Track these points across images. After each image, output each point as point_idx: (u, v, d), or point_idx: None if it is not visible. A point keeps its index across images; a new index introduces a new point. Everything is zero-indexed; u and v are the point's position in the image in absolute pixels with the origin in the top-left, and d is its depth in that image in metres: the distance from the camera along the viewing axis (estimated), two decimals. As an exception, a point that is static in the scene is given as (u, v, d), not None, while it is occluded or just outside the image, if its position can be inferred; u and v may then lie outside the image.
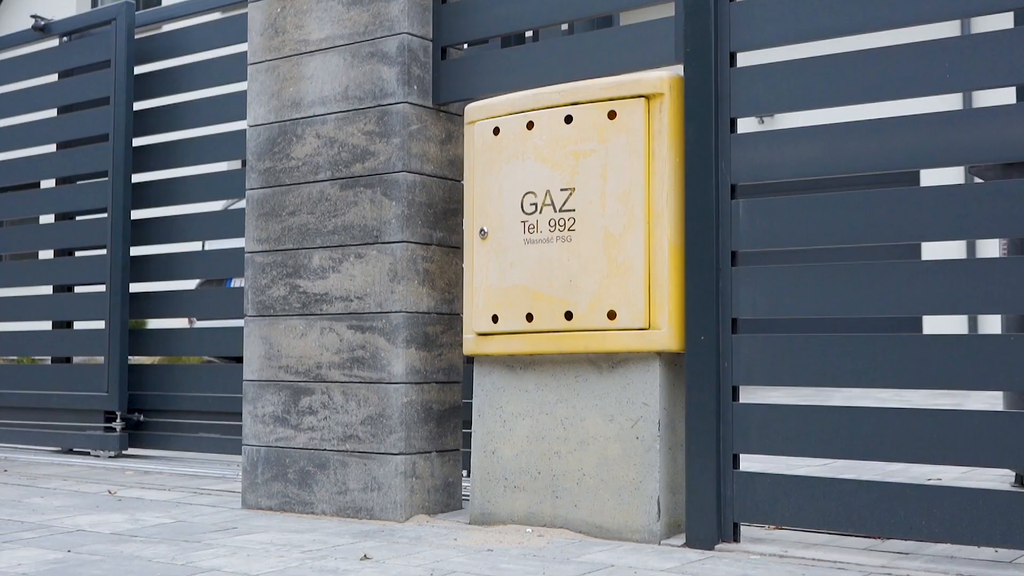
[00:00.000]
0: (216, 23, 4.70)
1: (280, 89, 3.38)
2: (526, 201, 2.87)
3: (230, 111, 4.51)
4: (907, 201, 2.45)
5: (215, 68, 4.63)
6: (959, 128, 2.43)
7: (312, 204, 3.28)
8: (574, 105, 2.82)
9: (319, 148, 3.28)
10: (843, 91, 2.55)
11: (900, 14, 2.49)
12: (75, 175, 5.13)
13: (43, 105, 5.27)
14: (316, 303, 3.24)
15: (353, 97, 3.22)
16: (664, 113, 2.71)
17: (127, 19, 4.83)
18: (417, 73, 3.17)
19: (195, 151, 4.67)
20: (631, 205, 2.70)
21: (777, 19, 2.64)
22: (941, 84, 2.46)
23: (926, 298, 2.41)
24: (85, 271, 4.99)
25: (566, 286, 2.78)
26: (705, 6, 2.70)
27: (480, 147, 2.99)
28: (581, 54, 2.99)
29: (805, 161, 2.60)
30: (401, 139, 3.11)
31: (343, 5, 3.26)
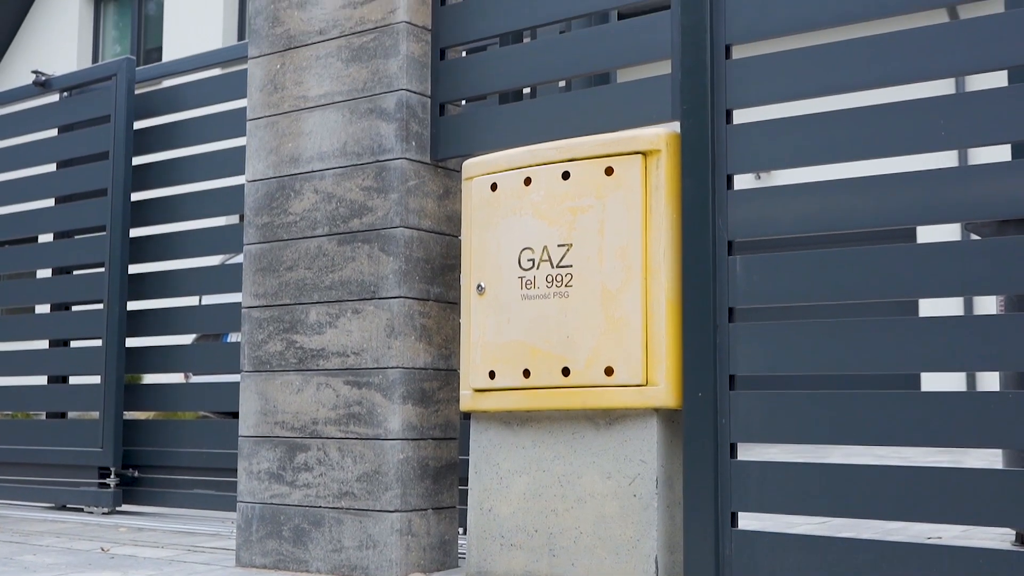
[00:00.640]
0: (216, 79, 4.73)
1: (279, 145, 3.40)
2: (523, 257, 2.87)
3: (229, 166, 4.53)
4: (904, 257, 2.45)
5: (214, 123, 4.66)
6: (955, 185, 2.44)
7: (310, 259, 3.28)
8: (571, 161, 2.83)
9: (317, 203, 3.29)
10: (839, 148, 2.56)
11: (895, 72, 2.51)
12: (73, 229, 5.13)
13: (42, 160, 5.29)
14: (313, 358, 3.23)
15: (351, 153, 3.23)
16: (661, 169, 2.72)
17: (127, 75, 4.86)
18: (415, 129, 3.19)
19: (193, 206, 4.69)
20: (628, 261, 2.70)
21: (774, 77, 2.66)
22: (936, 142, 2.47)
23: (924, 355, 2.41)
24: (82, 325, 4.99)
25: (563, 342, 2.77)
26: (701, 64, 2.72)
27: (478, 203, 3.00)
28: (578, 111, 3.00)
29: (802, 217, 2.60)
30: (399, 195, 3.12)
31: (342, 62, 3.28)
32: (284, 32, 3.43)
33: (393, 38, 3.19)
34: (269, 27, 3.48)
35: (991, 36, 2.41)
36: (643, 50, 2.90)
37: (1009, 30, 2.40)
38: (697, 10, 2.74)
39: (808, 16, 2.64)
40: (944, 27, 2.48)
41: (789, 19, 2.66)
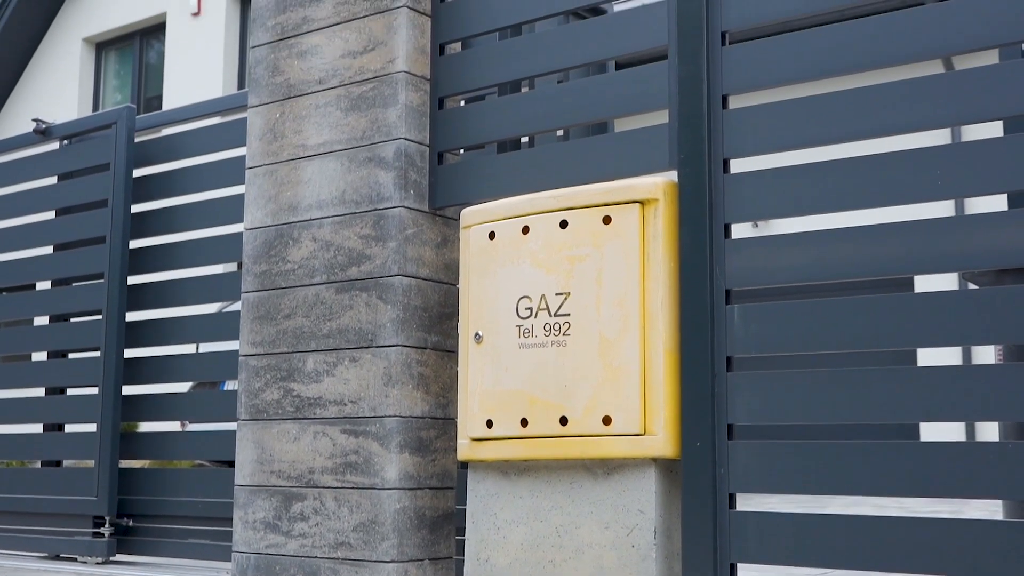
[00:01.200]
0: (215, 127, 4.75)
1: (278, 193, 3.41)
2: (521, 305, 2.87)
3: (227, 214, 4.53)
4: (902, 307, 2.45)
5: (213, 171, 4.67)
6: (952, 234, 2.45)
7: (307, 307, 3.27)
8: (569, 210, 2.84)
9: (315, 251, 3.29)
10: (836, 198, 2.57)
11: (892, 123, 2.52)
12: (71, 277, 5.13)
13: (42, 207, 5.29)
14: (310, 407, 3.22)
15: (350, 201, 3.24)
16: (659, 218, 2.73)
17: (128, 123, 4.88)
18: (414, 178, 3.20)
19: (191, 253, 4.69)
20: (626, 310, 2.70)
21: (771, 127, 2.67)
22: (933, 191, 2.48)
23: (922, 404, 2.40)
24: (78, 372, 4.97)
25: (561, 391, 2.77)
26: (698, 113, 2.73)
27: (476, 251, 3.00)
28: (576, 160, 3.01)
29: (799, 266, 2.61)
30: (397, 243, 3.13)
31: (341, 111, 3.30)
32: (284, 81, 3.45)
33: (392, 87, 3.20)
34: (269, 76, 3.50)
35: (986, 87, 2.43)
36: (641, 100, 2.92)
37: (1004, 81, 2.41)
38: (694, 61, 2.76)
39: (805, 68, 2.66)
40: (940, 78, 2.49)
41: (786, 70, 2.68)
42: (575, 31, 3.08)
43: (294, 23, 3.46)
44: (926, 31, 2.52)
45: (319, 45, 3.39)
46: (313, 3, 3.42)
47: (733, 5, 2.76)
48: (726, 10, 2.76)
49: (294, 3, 3.47)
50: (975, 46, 2.48)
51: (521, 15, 3.18)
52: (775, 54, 2.70)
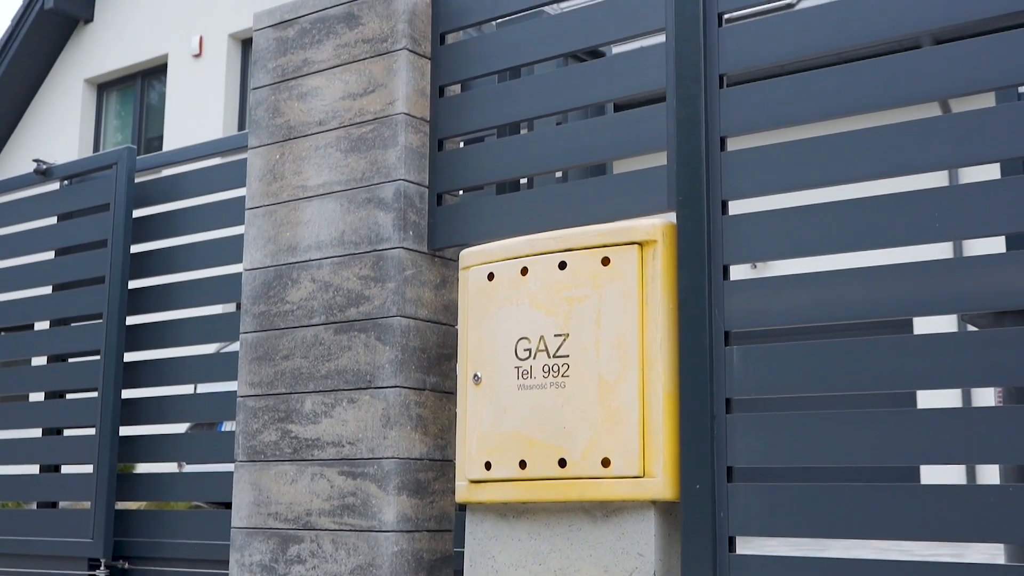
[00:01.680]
0: (215, 168, 4.76)
1: (277, 234, 3.41)
2: (520, 347, 2.86)
3: (226, 254, 4.54)
4: (902, 349, 2.45)
5: (213, 212, 4.68)
6: (951, 276, 2.45)
7: (306, 348, 3.27)
8: (568, 251, 2.84)
9: (314, 292, 3.29)
10: (834, 239, 2.57)
11: (890, 165, 2.53)
12: (70, 317, 5.12)
13: (41, 247, 5.30)
14: (307, 448, 3.21)
15: (349, 242, 3.24)
16: (657, 260, 2.73)
17: (128, 164, 4.89)
18: (413, 219, 3.20)
19: (190, 294, 4.68)
20: (625, 351, 2.70)
21: (769, 169, 2.68)
22: (931, 233, 2.48)
23: (923, 447, 2.39)
24: (75, 414, 4.95)
25: (560, 432, 2.75)
26: (697, 155, 2.74)
27: (475, 292, 3.00)
28: (575, 201, 3.02)
29: (798, 308, 2.61)
30: (396, 284, 3.13)
31: (341, 152, 3.31)
32: (284, 123, 3.47)
33: (392, 129, 3.22)
34: (270, 118, 3.51)
35: (984, 129, 2.44)
36: (639, 142, 2.93)
37: (1001, 124, 2.42)
38: (692, 103, 2.78)
39: (802, 110, 2.67)
40: (937, 120, 2.51)
41: (784, 113, 2.69)
42: (574, 74, 3.10)
43: (295, 65, 3.48)
44: (923, 74, 2.53)
45: (319, 87, 3.40)
46: (314, 46, 3.44)
47: (730, 49, 2.77)
48: (723, 53, 2.78)
49: (295, 46, 3.49)
50: (972, 89, 2.49)
51: (520, 58, 3.20)
52: (772, 97, 2.71)
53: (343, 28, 3.38)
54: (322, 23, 3.43)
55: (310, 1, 3.48)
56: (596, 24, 3.06)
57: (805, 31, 2.70)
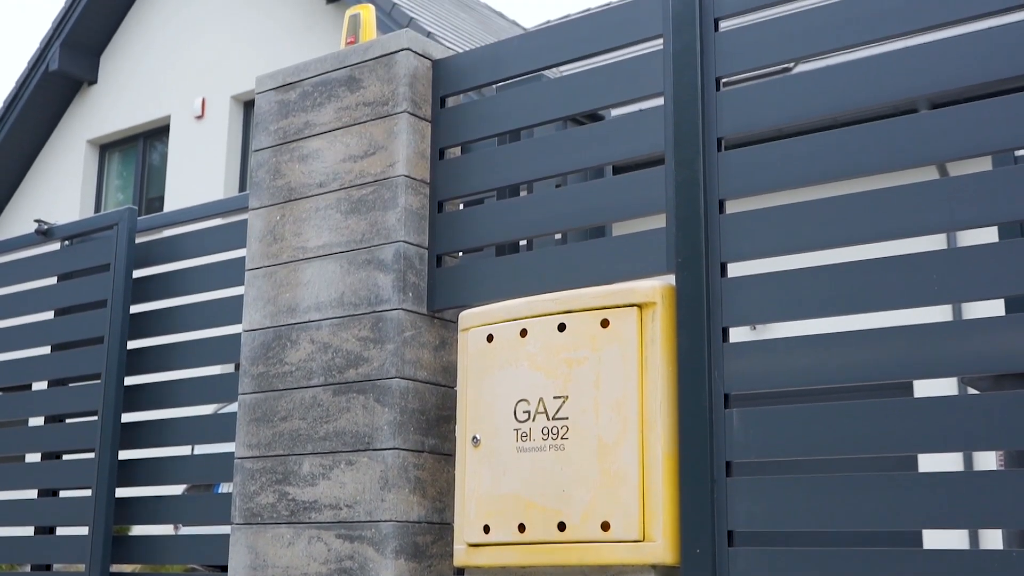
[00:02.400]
0: (215, 229, 4.77)
1: (276, 295, 3.41)
2: (519, 409, 2.85)
3: (226, 315, 4.53)
4: (902, 412, 2.44)
5: (213, 272, 4.68)
6: (950, 339, 2.45)
7: (304, 409, 3.26)
8: (567, 313, 2.84)
9: (313, 353, 3.28)
10: (833, 302, 2.57)
11: (888, 228, 2.54)
12: (68, 377, 5.11)
13: (41, 307, 5.29)
14: (305, 511, 3.18)
15: (348, 303, 3.24)
16: (657, 322, 2.73)
17: (129, 224, 4.91)
18: (412, 280, 3.21)
19: (189, 354, 4.67)
20: (624, 414, 2.69)
21: (768, 232, 2.69)
22: (930, 296, 2.48)
23: (925, 511, 2.37)
24: (72, 474, 4.92)
25: (559, 495, 2.74)
26: (696, 218, 2.75)
27: (474, 354, 3.00)
28: (574, 263, 3.03)
29: (798, 371, 2.60)
30: (395, 345, 3.12)
31: (341, 214, 3.32)
32: (285, 184, 3.48)
33: (392, 191, 3.23)
34: (270, 179, 3.53)
35: (981, 193, 2.45)
36: (638, 204, 2.94)
37: (998, 187, 2.44)
38: (691, 166, 2.79)
39: (800, 173, 2.68)
40: (935, 184, 2.52)
41: (782, 176, 2.71)
42: (573, 137, 3.12)
43: (296, 128, 3.50)
44: (921, 138, 2.55)
45: (320, 149, 3.43)
46: (315, 108, 3.47)
47: (728, 112, 2.79)
48: (721, 117, 2.80)
49: (296, 108, 3.52)
50: (969, 153, 2.51)
51: (520, 121, 3.23)
52: (771, 160, 2.73)
53: (344, 91, 3.41)
54: (324, 86, 3.46)
55: (312, 65, 3.52)
56: (595, 88, 3.09)
57: (802, 95, 2.73)
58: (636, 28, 3.04)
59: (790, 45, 2.78)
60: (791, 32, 2.77)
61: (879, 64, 2.63)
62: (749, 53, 2.81)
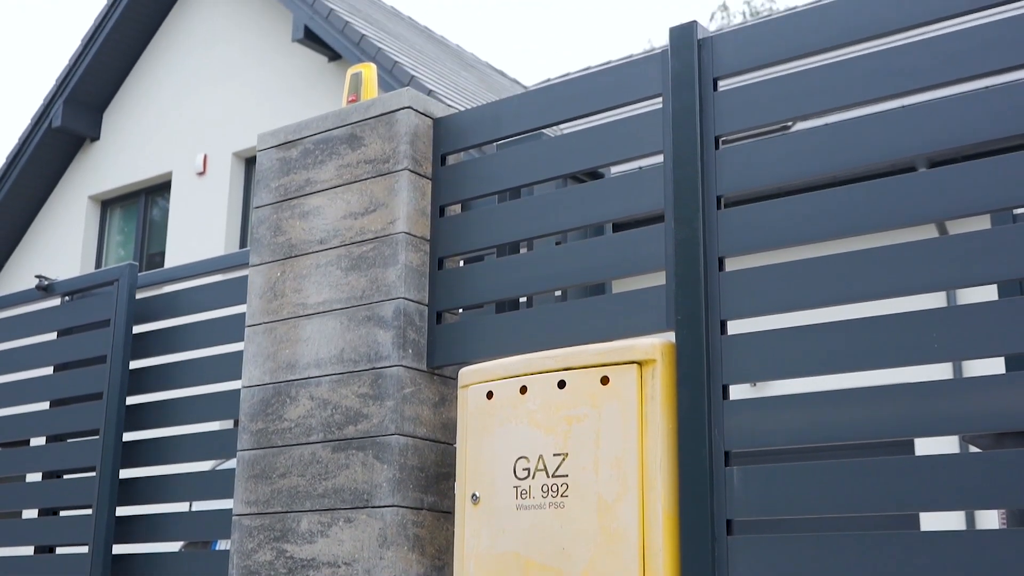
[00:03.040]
0: (215, 285, 4.78)
1: (276, 351, 3.41)
2: (519, 466, 2.84)
3: (225, 371, 4.53)
4: (904, 470, 2.43)
5: (212, 328, 4.69)
6: (951, 397, 2.44)
7: (303, 466, 3.24)
8: (567, 370, 2.84)
9: (312, 410, 3.28)
10: (834, 360, 2.57)
11: (888, 286, 2.55)
12: (66, 433, 5.10)
13: (40, 363, 5.29)
14: (303, 569, 3.16)
15: (348, 360, 3.24)
16: (657, 379, 2.72)
17: (129, 280, 4.92)
18: (412, 337, 3.21)
19: (188, 410, 4.67)
20: (624, 472, 2.67)
21: (767, 289, 2.70)
22: (930, 354, 2.48)
23: (928, 571, 2.36)
24: (68, 531, 4.89)
25: (559, 554, 2.72)
26: (695, 275, 2.76)
27: (473, 411, 2.99)
28: (574, 320, 3.03)
29: (799, 429, 2.60)
30: (395, 402, 3.12)
31: (342, 271, 3.33)
32: (286, 241, 3.50)
33: (392, 248, 3.24)
34: (271, 236, 3.54)
35: (980, 251, 2.46)
36: (638, 262, 2.95)
37: (997, 245, 2.44)
38: (690, 224, 2.80)
39: (800, 231, 2.69)
40: (934, 242, 2.53)
41: (781, 234, 2.72)
42: (573, 194, 3.14)
43: (297, 185, 3.52)
44: (920, 197, 2.56)
45: (321, 206, 3.44)
46: (316, 166, 3.49)
47: (727, 171, 2.81)
48: (721, 175, 2.82)
49: (298, 166, 3.54)
50: (968, 211, 2.52)
51: (520, 179, 3.24)
52: (770, 218, 2.74)
53: (346, 149, 3.43)
54: (325, 144, 3.49)
55: (314, 122, 3.54)
56: (595, 146, 3.11)
57: (801, 154, 2.74)
58: (635, 88, 3.06)
59: (788, 104, 2.80)
60: (789, 92, 2.79)
61: (877, 123, 2.65)
62: (748, 112, 2.84)
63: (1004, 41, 2.52)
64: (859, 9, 2.74)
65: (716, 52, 2.90)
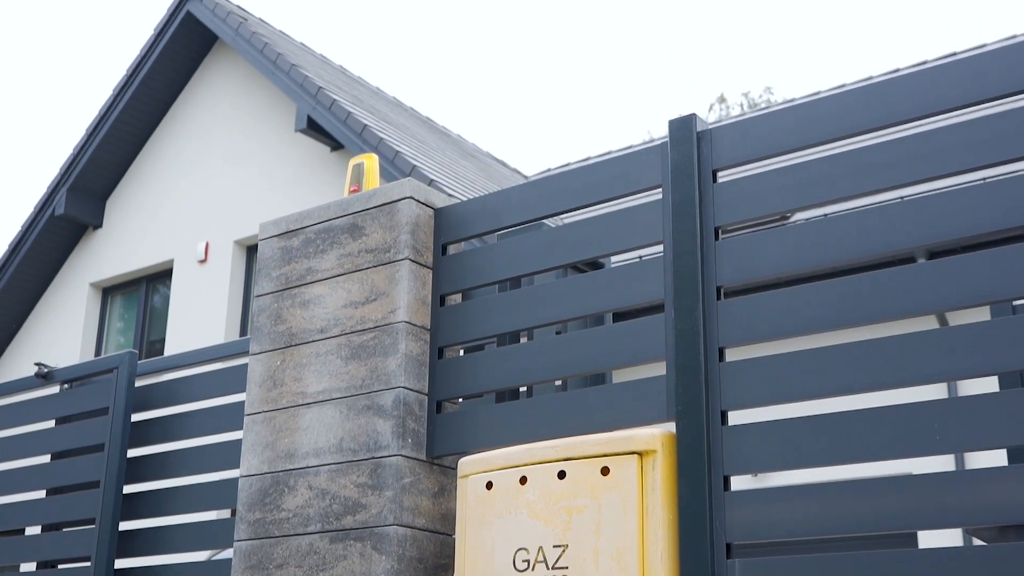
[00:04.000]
0: (215, 373, 4.77)
1: (275, 440, 3.40)
2: (518, 557, 2.81)
3: (223, 459, 4.51)
4: (907, 563, 2.41)
5: (211, 417, 4.67)
6: (953, 489, 2.43)
7: (300, 557, 3.21)
8: (567, 461, 2.82)
9: (310, 500, 3.25)
10: (835, 451, 2.56)
11: (888, 377, 2.55)
12: (63, 522, 5.05)
13: (38, 451, 5.26)
14: (298, 662, 3.11)
15: (347, 449, 3.23)
16: (657, 470, 2.71)
17: (129, 368, 4.92)
18: (412, 426, 3.20)
19: (185, 499, 4.63)
20: (625, 563, 2.65)
21: (768, 380, 2.70)
22: (932, 446, 2.47)
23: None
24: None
25: (559, 648, 2.68)
26: (695, 366, 2.76)
27: (473, 501, 2.97)
28: (574, 410, 3.02)
29: (801, 521, 2.57)
30: (394, 492, 3.09)
31: (342, 359, 3.33)
32: (286, 330, 3.50)
33: (393, 337, 3.25)
34: (272, 324, 3.55)
35: (980, 343, 2.46)
36: (638, 352, 2.95)
37: (998, 337, 2.45)
38: (690, 314, 2.81)
39: (800, 322, 2.70)
40: (934, 333, 2.53)
41: (781, 324, 2.72)
42: (573, 284, 3.15)
43: (298, 274, 3.54)
44: (919, 288, 2.57)
45: (322, 295, 3.45)
46: (318, 255, 3.51)
47: (727, 261, 2.83)
48: (720, 266, 2.83)
49: (299, 255, 3.56)
50: (968, 303, 2.53)
51: (521, 268, 3.26)
52: (770, 308, 2.75)
53: (347, 238, 3.45)
54: (327, 233, 3.51)
55: (315, 212, 3.57)
56: (596, 236, 3.13)
57: (800, 245, 2.76)
58: (635, 179, 3.09)
59: (787, 196, 2.82)
60: (788, 184, 2.82)
61: (876, 215, 2.67)
62: (747, 203, 2.86)
63: (999, 135, 2.55)
64: (854, 104, 2.78)
65: (715, 144, 2.94)
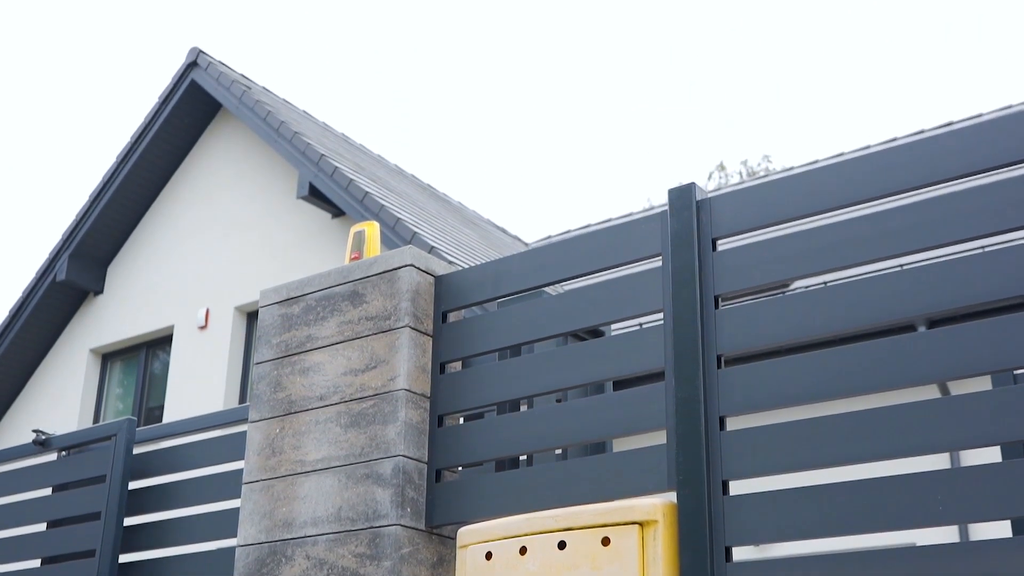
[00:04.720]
0: (214, 440, 4.75)
1: (273, 509, 3.37)
2: (518, 630, 2.77)
3: (220, 529, 4.47)
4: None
5: (209, 485, 4.64)
6: (957, 561, 2.40)
7: (297, 629, 3.17)
8: (567, 531, 2.79)
9: (308, 570, 3.22)
10: (838, 523, 2.54)
11: (890, 447, 2.53)
12: (57, 592, 4.99)
13: (34, 519, 5.22)
14: None
15: (346, 518, 3.20)
16: (658, 540, 2.68)
17: (127, 435, 4.89)
18: (411, 495, 3.17)
19: (182, 569, 4.58)
20: (626, 637, 2.61)
21: (769, 449, 2.68)
22: (935, 517, 2.45)
23: None
24: None
25: None
26: (696, 434, 2.74)
27: (472, 572, 2.93)
28: (574, 480, 3.00)
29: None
30: (392, 562, 3.06)
31: (341, 427, 3.31)
32: (285, 397, 3.49)
33: (392, 405, 3.23)
34: (271, 392, 3.53)
35: (983, 412, 2.45)
36: (638, 421, 2.94)
37: (1000, 406, 2.44)
38: (691, 383, 2.80)
39: (801, 391, 2.69)
40: (937, 402, 2.52)
41: (782, 393, 2.71)
42: (574, 352, 3.14)
43: (298, 341, 3.53)
44: (920, 357, 2.56)
45: (322, 362, 3.44)
46: (318, 322, 3.50)
47: (727, 330, 2.82)
48: (721, 334, 2.82)
49: (299, 322, 3.55)
50: (968, 372, 2.52)
51: (521, 336, 3.25)
52: (771, 377, 2.74)
53: (347, 306, 3.45)
54: (327, 300, 3.51)
55: (316, 279, 3.57)
56: (596, 304, 3.13)
57: (801, 314, 2.76)
58: (635, 247, 3.09)
59: (787, 265, 2.83)
60: (787, 252, 2.82)
61: (876, 284, 2.67)
62: (747, 272, 2.86)
63: (997, 204, 2.56)
64: (852, 174, 2.79)
65: (715, 213, 2.95)
